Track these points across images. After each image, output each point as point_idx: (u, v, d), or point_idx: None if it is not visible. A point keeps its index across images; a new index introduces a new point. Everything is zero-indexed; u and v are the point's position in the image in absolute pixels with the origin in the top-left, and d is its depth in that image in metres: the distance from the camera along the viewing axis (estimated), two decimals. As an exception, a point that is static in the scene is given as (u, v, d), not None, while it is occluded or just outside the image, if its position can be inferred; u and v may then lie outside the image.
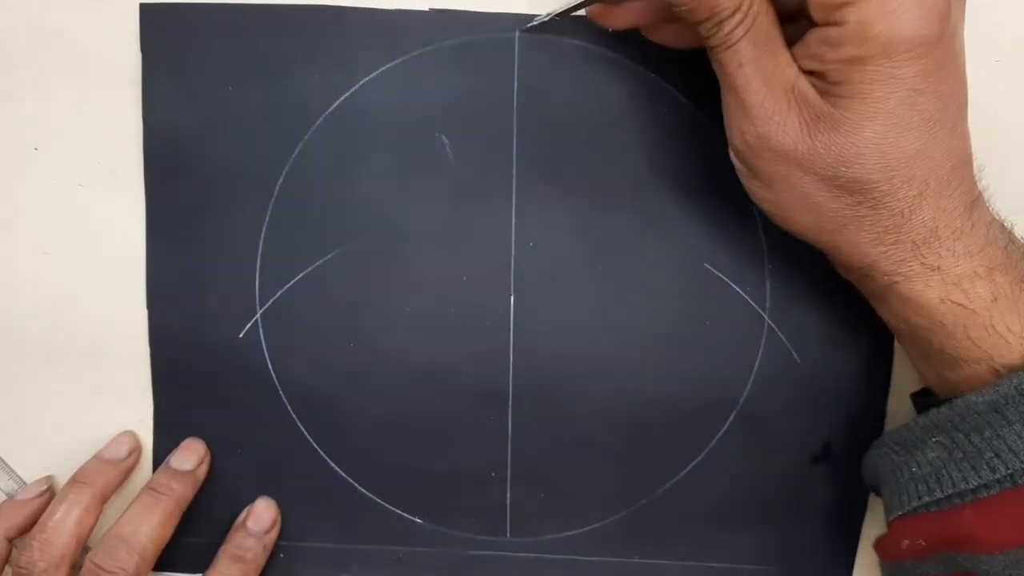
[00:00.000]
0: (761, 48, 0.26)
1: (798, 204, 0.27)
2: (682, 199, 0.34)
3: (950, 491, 0.27)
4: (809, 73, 0.26)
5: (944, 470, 0.27)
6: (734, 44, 0.26)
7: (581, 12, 0.32)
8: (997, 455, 0.26)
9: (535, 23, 0.33)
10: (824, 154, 0.26)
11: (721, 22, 0.26)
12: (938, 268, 0.27)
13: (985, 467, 0.26)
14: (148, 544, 0.33)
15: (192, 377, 0.35)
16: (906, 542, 0.29)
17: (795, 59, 0.26)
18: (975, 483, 0.26)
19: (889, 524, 0.30)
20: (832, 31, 0.25)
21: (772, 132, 0.26)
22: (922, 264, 0.27)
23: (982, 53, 0.33)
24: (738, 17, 0.26)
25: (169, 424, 0.36)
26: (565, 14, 0.32)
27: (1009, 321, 0.26)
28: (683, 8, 0.26)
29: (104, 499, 0.34)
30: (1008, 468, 0.26)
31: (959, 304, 0.27)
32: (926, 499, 0.28)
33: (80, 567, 0.32)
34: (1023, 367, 0.26)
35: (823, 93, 0.26)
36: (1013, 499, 0.26)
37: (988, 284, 0.26)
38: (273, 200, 0.34)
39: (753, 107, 0.26)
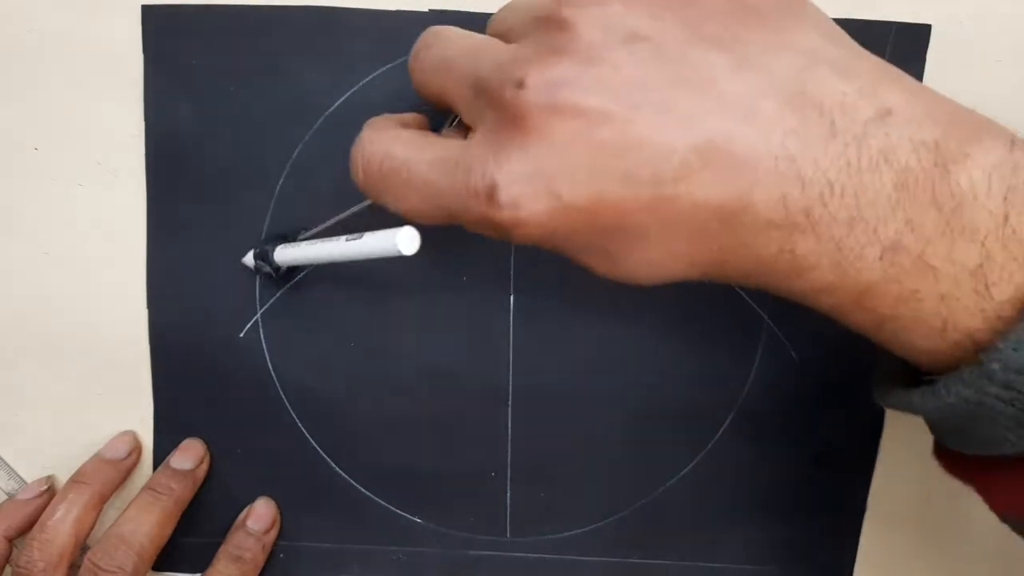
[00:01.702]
0: None
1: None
2: (682, 199, 0.34)
3: None
4: None
5: None
6: None
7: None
8: None
9: None
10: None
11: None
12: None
13: None
14: (147, 544, 0.33)
15: (192, 377, 0.35)
16: None
17: None
18: None
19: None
20: None
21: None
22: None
23: (982, 53, 0.33)
24: None
25: (169, 424, 0.36)
26: None
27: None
28: None
29: (104, 499, 0.34)
30: None
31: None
32: None
33: (79, 566, 0.32)
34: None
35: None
36: None
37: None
38: (273, 200, 0.34)
39: None
